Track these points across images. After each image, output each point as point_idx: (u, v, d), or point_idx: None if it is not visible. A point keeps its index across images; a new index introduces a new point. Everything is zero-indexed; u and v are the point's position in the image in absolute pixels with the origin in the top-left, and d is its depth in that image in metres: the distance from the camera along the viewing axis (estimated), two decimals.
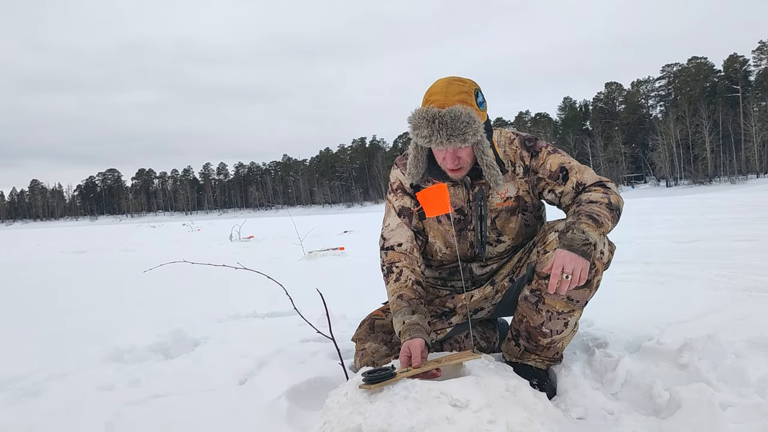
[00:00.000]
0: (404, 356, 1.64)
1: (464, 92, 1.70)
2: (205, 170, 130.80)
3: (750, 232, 6.51)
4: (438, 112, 1.66)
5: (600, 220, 1.65)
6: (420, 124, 1.69)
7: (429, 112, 1.67)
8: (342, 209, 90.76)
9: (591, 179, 1.84)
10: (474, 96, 1.72)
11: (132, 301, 3.94)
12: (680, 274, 3.87)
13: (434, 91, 1.72)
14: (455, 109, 1.65)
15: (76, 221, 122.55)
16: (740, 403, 1.54)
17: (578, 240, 1.60)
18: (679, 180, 65.01)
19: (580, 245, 1.59)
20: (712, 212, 11.48)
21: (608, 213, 1.70)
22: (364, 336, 1.97)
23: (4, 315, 3.65)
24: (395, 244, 1.94)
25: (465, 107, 1.66)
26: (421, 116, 1.69)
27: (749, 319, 2.39)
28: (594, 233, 1.62)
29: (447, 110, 1.65)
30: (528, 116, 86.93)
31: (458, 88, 1.71)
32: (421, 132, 1.69)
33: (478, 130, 1.68)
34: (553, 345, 1.85)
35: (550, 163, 1.86)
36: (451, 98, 1.68)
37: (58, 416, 1.73)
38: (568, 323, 1.80)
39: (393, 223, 1.98)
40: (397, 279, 1.86)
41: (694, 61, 72.55)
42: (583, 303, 1.78)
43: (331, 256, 6.84)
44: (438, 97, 1.69)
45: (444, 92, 1.70)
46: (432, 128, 1.66)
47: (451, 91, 1.69)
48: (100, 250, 10.95)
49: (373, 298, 2.35)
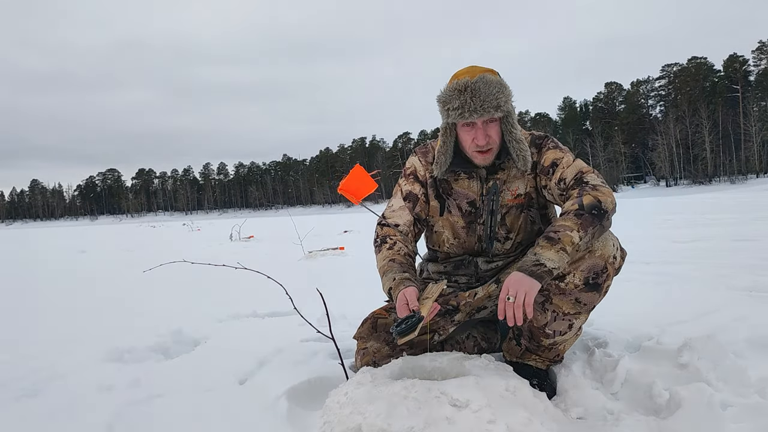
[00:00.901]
0: (401, 304, 1.66)
1: (489, 70, 1.78)
2: (205, 170, 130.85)
3: (750, 232, 6.51)
4: (469, 80, 1.69)
5: (556, 236, 1.59)
6: (451, 97, 1.70)
7: (460, 83, 1.69)
8: (342, 209, 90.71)
9: (571, 174, 1.80)
10: (498, 76, 1.78)
11: (132, 301, 3.94)
12: (680, 274, 3.87)
13: (460, 71, 1.77)
14: (486, 76, 1.70)
15: (76, 221, 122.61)
16: (740, 403, 1.55)
17: (528, 262, 1.57)
18: (679, 180, 65.02)
19: (529, 266, 1.56)
20: (712, 212, 11.48)
21: (572, 222, 1.61)
22: (366, 335, 1.97)
23: (4, 315, 3.65)
24: (393, 223, 1.98)
25: (494, 76, 1.72)
26: (452, 88, 1.71)
27: (749, 319, 2.39)
28: (549, 252, 1.56)
29: (478, 77, 1.69)
30: (528, 116, 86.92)
31: (483, 68, 1.78)
32: (453, 104, 1.70)
33: (509, 97, 1.73)
34: (555, 347, 1.85)
35: (546, 157, 1.87)
36: (479, 71, 1.74)
37: (58, 416, 1.73)
38: (573, 325, 1.80)
39: (396, 204, 2.01)
40: (390, 248, 1.90)
41: (694, 61, 72.56)
42: (591, 306, 1.78)
43: (331, 256, 6.84)
44: (466, 73, 1.74)
45: (470, 70, 1.75)
46: (464, 97, 1.67)
47: (477, 69, 1.76)
48: (100, 250, 10.95)
49: (374, 298, 2.35)
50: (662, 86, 77.17)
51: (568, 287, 1.72)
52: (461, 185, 1.95)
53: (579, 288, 1.71)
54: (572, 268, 1.70)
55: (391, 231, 1.96)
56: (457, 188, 1.95)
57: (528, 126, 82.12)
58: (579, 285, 1.71)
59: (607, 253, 1.71)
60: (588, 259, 1.70)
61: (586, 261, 1.70)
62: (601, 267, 1.70)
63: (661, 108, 76.17)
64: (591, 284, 1.71)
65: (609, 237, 1.75)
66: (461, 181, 1.96)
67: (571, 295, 1.73)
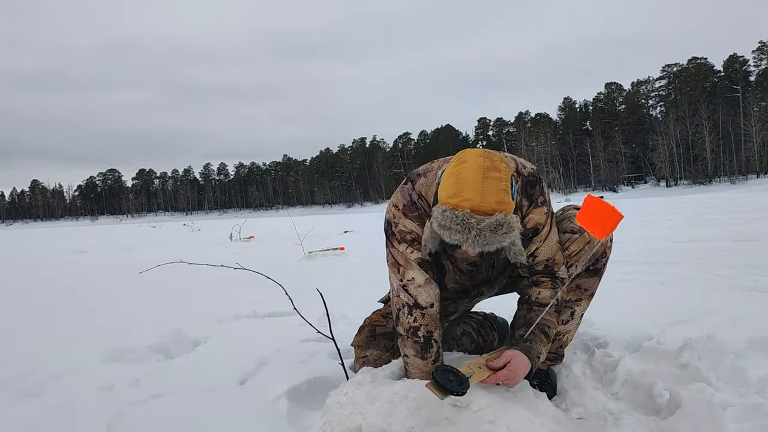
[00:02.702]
0: None
1: (501, 190, 1.45)
2: (206, 170, 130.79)
3: (750, 232, 6.51)
4: (476, 224, 1.42)
5: (549, 333, 1.72)
6: (451, 228, 1.45)
7: (464, 220, 1.43)
8: (342, 209, 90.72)
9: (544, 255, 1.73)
10: (510, 187, 1.49)
11: (132, 302, 3.94)
12: (680, 274, 3.87)
13: (466, 187, 1.44)
14: (495, 219, 1.43)
15: (77, 221, 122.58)
16: (740, 403, 1.55)
17: (534, 352, 1.67)
18: (679, 180, 65.00)
19: (533, 356, 1.65)
20: (712, 212, 11.48)
21: (555, 319, 1.75)
22: (365, 343, 1.97)
23: (4, 315, 3.65)
24: (428, 305, 1.73)
25: (505, 216, 1.44)
26: (453, 221, 1.44)
27: (749, 319, 2.39)
28: (544, 348, 1.70)
29: (486, 223, 1.43)
30: (528, 116, 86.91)
31: (495, 186, 1.45)
32: (451, 234, 1.46)
33: (516, 232, 1.49)
34: (558, 338, 1.88)
35: (530, 218, 1.71)
36: (488, 201, 1.43)
37: (58, 416, 1.73)
38: (575, 312, 1.85)
39: (419, 278, 1.73)
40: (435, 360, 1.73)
41: (694, 61, 72.54)
42: (591, 292, 1.84)
43: (331, 256, 6.84)
44: (472, 197, 1.43)
45: (480, 192, 1.43)
46: (467, 236, 1.44)
47: (488, 191, 1.44)
48: (100, 251, 10.95)
49: (374, 298, 2.35)
50: (662, 86, 77.17)
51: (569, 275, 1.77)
52: (461, 252, 1.78)
53: (580, 275, 1.80)
54: (573, 261, 1.77)
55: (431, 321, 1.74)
56: (457, 255, 1.83)
57: (528, 126, 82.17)
58: (580, 273, 1.79)
59: (604, 239, 1.74)
60: (588, 250, 1.76)
61: (587, 252, 1.77)
62: (599, 253, 1.80)
63: (662, 108, 76.15)
64: (591, 270, 1.81)
65: None
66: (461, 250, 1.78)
67: (571, 282, 1.79)
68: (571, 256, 1.78)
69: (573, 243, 1.78)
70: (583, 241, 1.77)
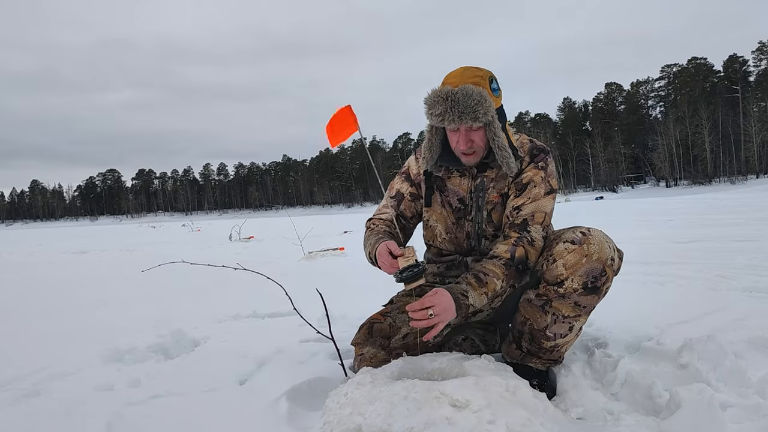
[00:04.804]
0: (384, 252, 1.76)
1: (478, 76, 1.79)
2: (205, 171, 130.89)
3: (750, 232, 6.52)
4: (451, 90, 1.74)
5: (485, 279, 1.72)
6: (435, 102, 1.77)
7: (443, 90, 1.76)
8: (342, 209, 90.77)
9: (525, 212, 1.85)
10: (488, 81, 1.80)
11: (132, 302, 3.94)
12: (680, 274, 3.87)
13: (451, 75, 1.83)
14: (467, 87, 1.74)
15: (77, 221, 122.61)
16: (740, 403, 1.54)
17: (458, 289, 1.69)
18: (679, 180, 65.04)
19: (457, 293, 1.67)
20: (712, 212, 11.49)
21: (501, 271, 1.74)
22: (363, 341, 1.98)
23: (4, 315, 3.65)
24: (377, 218, 2.13)
25: (477, 87, 1.75)
26: (436, 95, 1.77)
27: (749, 319, 2.39)
28: (474, 292, 1.70)
29: (459, 88, 1.74)
30: (528, 116, 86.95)
31: (473, 73, 1.80)
32: (435, 110, 1.77)
33: (489, 109, 1.75)
34: (556, 349, 1.86)
35: (526, 175, 1.90)
36: (465, 80, 1.77)
37: (58, 416, 1.73)
38: (573, 327, 1.81)
39: (383, 203, 2.15)
40: (370, 228, 2.08)
41: (694, 61, 72.60)
42: (590, 309, 1.79)
43: (331, 257, 6.84)
44: (453, 80, 1.79)
45: (459, 75, 1.80)
46: (445, 105, 1.75)
47: (467, 75, 1.79)
48: (100, 251, 10.95)
49: (374, 298, 2.35)
50: (662, 87, 77.24)
51: (566, 291, 1.73)
52: (453, 182, 2.00)
53: (578, 292, 1.73)
54: (570, 273, 1.71)
55: (377, 221, 2.11)
56: (450, 185, 2.01)
57: (528, 127, 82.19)
58: (578, 289, 1.72)
59: (605, 256, 1.72)
60: (586, 264, 1.71)
61: (584, 265, 1.71)
62: (599, 270, 1.71)
63: (661, 108, 76.22)
64: (590, 288, 1.72)
65: (605, 240, 1.75)
66: (453, 179, 2.01)
67: (570, 298, 1.74)
68: (567, 267, 1.72)
69: (571, 254, 1.72)
70: (581, 253, 1.71)
